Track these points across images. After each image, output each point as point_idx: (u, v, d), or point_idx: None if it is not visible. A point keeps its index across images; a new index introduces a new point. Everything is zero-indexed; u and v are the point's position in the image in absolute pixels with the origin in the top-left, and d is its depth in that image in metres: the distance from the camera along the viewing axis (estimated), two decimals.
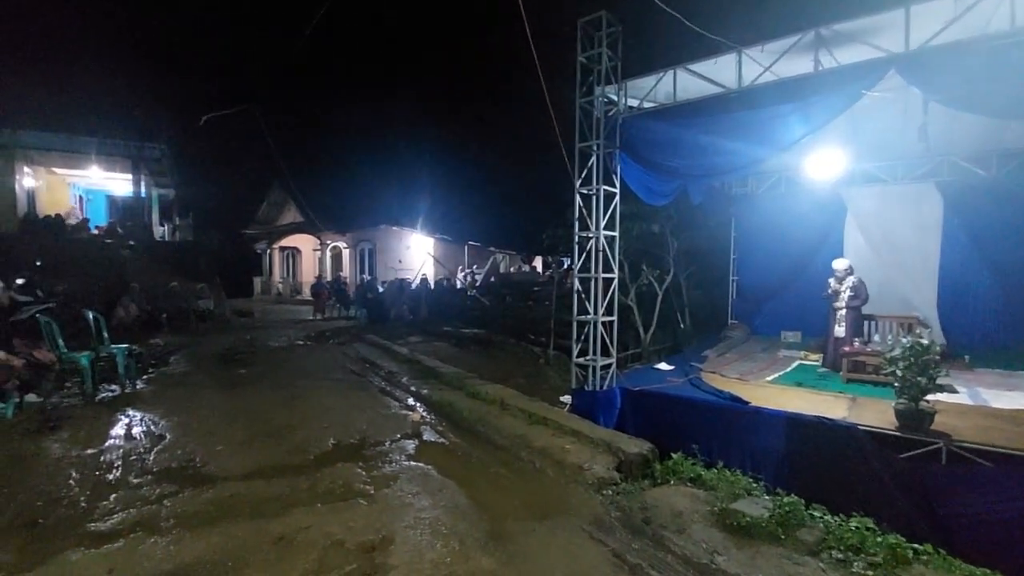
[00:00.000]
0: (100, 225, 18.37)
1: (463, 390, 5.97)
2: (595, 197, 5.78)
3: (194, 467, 3.79)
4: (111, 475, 3.62)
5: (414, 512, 3.11)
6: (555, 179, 7.20)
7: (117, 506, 3.13)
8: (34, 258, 10.89)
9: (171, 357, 8.38)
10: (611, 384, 5.83)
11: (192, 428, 4.71)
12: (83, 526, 2.89)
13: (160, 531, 2.83)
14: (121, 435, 4.51)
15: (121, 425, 4.77)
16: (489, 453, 4.22)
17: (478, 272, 19.95)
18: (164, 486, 3.43)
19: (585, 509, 3.23)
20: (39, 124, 15.80)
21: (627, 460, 3.87)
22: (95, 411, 5.17)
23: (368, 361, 8.26)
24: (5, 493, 3.25)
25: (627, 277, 8.18)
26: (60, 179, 18.73)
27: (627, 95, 5.85)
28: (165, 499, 3.23)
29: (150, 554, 2.60)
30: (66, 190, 19.22)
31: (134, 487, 3.42)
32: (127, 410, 5.22)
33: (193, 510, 3.09)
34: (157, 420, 4.92)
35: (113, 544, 2.69)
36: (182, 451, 4.10)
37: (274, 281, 25.73)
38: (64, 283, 9.89)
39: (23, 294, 7.34)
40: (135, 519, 2.97)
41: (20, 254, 11.26)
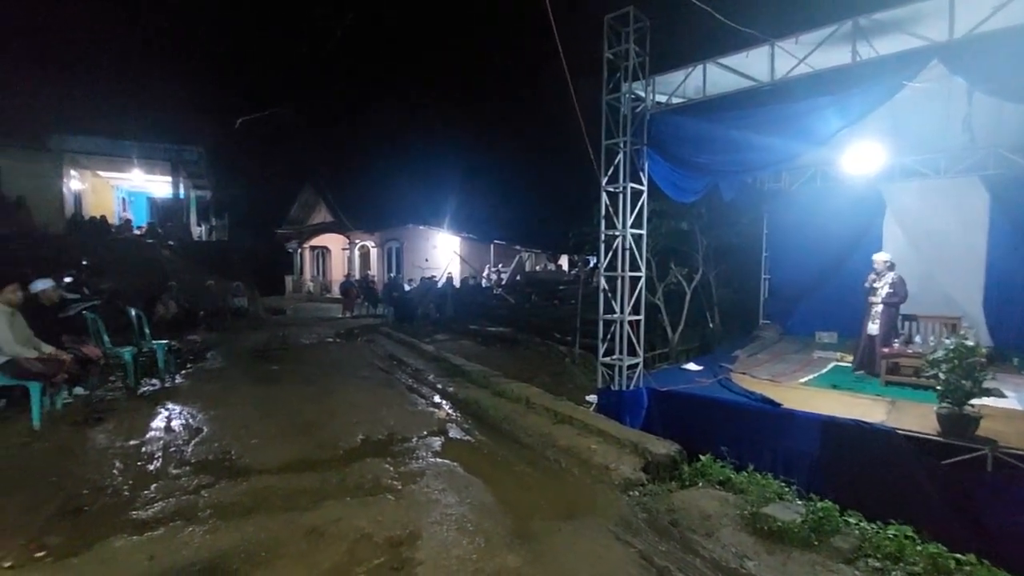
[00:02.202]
0: (141, 226, 19.13)
1: (488, 388, 5.99)
2: (622, 195, 5.72)
3: (230, 459, 3.91)
4: (152, 466, 3.77)
5: (440, 508, 3.14)
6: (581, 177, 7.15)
7: (157, 495, 3.26)
8: (80, 257, 11.40)
9: (208, 353, 8.67)
10: (638, 384, 5.77)
11: (227, 422, 4.86)
12: (126, 514, 3.01)
13: (198, 520, 2.93)
14: (161, 427, 4.69)
15: (161, 418, 4.97)
16: (514, 451, 4.23)
17: (504, 271, 19.99)
18: (201, 477, 3.56)
19: (611, 510, 3.21)
20: (85, 129, 16.51)
21: (654, 461, 3.83)
22: (137, 404, 5.40)
23: (395, 358, 8.38)
24: (54, 481, 3.42)
25: (655, 275, 8.06)
26: (104, 182, 19.58)
27: (655, 91, 5.76)
28: (202, 490, 3.35)
29: (188, 542, 2.70)
30: (110, 192, 20.08)
31: (173, 478, 3.56)
32: (167, 403, 5.43)
33: (229, 501, 3.19)
34: (195, 413, 5.11)
35: (154, 532, 2.80)
36: (218, 444, 4.25)
37: (305, 280, 26.34)
38: (108, 281, 10.33)
39: (70, 292, 7.69)
40: (174, 508, 3.08)
41: (67, 253, 11.81)
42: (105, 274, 10.93)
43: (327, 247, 25.54)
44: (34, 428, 4.36)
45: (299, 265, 26.65)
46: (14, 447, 3.98)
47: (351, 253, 23.72)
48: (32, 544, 2.64)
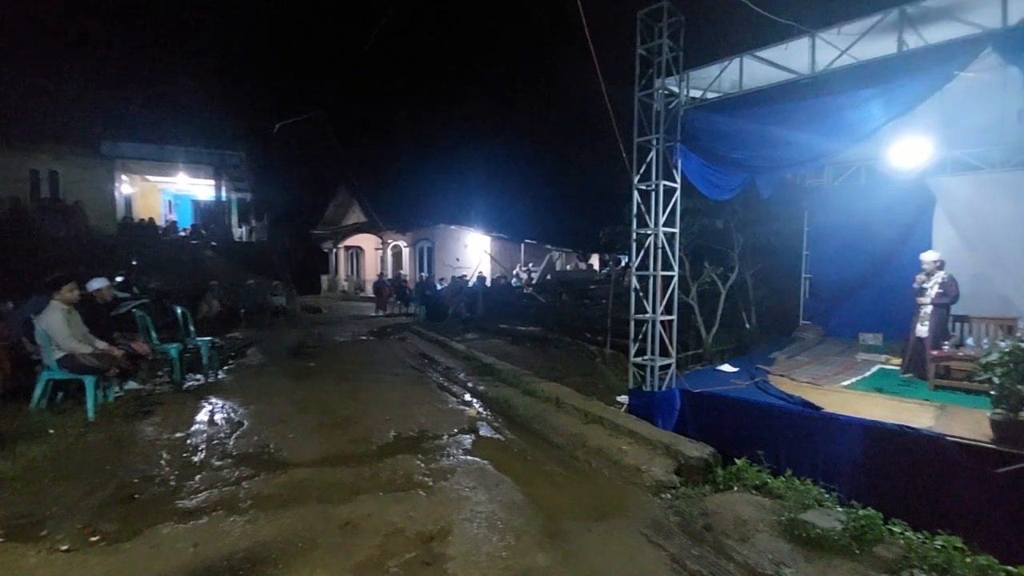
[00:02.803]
0: (186, 227, 19.97)
1: (519, 387, 6.01)
2: (654, 193, 5.63)
3: (268, 453, 4.05)
4: (196, 457, 3.94)
5: (471, 505, 3.16)
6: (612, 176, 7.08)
7: (201, 486, 3.40)
8: (130, 258, 12.01)
9: (248, 349, 8.99)
10: (670, 385, 5.67)
11: (266, 416, 5.03)
12: (172, 503, 3.16)
13: (239, 511, 3.04)
14: (205, 421, 4.90)
15: (205, 412, 5.18)
16: (544, 451, 4.23)
17: (534, 270, 19.96)
18: (242, 469, 3.69)
19: (642, 512, 3.17)
20: (134, 136, 17.35)
21: (687, 464, 3.76)
22: (182, 398, 5.65)
23: (426, 356, 8.49)
24: (108, 470, 3.61)
25: (688, 275, 7.90)
26: (152, 186, 20.53)
27: (689, 86, 5.65)
28: (243, 481, 3.48)
29: (230, 531, 2.81)
30: (157, 196, 21.04)
31: (216, 469, 3.70)
32: (210, 398, 5.66)
33: (268, 492, 3.30)
34: (236, 408, 5.30)
35: (198, 520, 2.93)
36: (258, 437, 4.40)
37: (339, 279, 26.97)
38: (156, 280, 10.84)
39: (121, 290, 8.10)
40: (217, 499, 3.21)
41: (118, 254, 12.44)
42: (153, 274, 11.47)
43: (361, 247, 26.09)
44: (89, 419, 4.61)
45: (334, 264, 27.32)
46: (71, 437, 4.22)
47: (384, 253, 24.16)
48: (87, 528, 2.79)
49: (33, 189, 16.35)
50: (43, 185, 16.59)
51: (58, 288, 4.87)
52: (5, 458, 3.59)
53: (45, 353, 4.70)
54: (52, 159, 16.64)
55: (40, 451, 3.84)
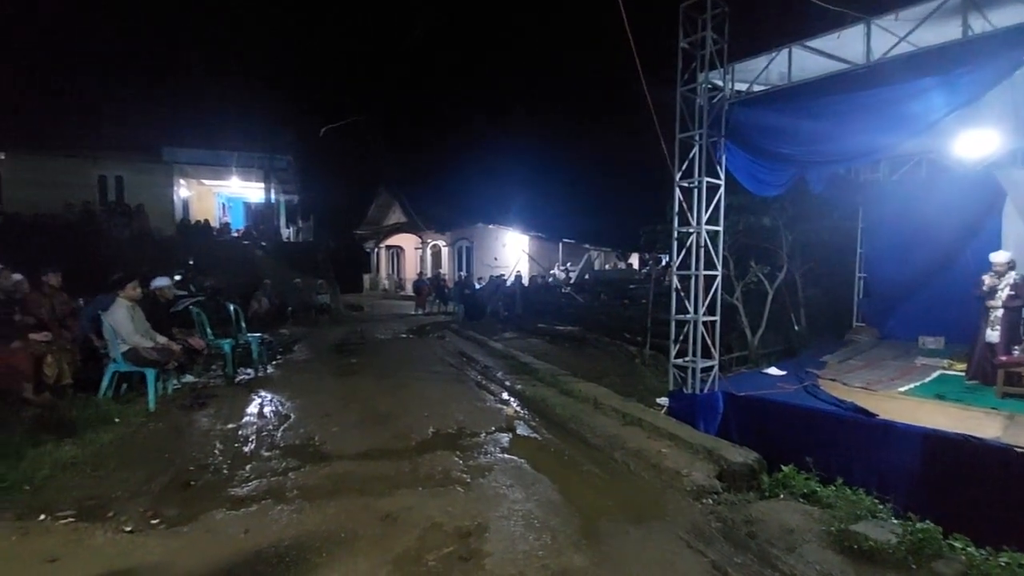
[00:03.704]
0: (239, 228, 20.90)
1: (556, 387, 5.98)
2: (696, 190, 5.49)
3: (313, 445, 4.19)
4: (247, 448, 4.12)
5: (508, 503, 3.18)
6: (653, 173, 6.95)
7: (252, 475, 3.56)
8: (187, 257, 12.67)
9: (295, 346, 9.34)
10: (713, 388, 5.52)
11: (312, 410, 5.21)
12: (225, 490, 3.32)
13: (286, 500, 3.17)
14: (255, 413, 5.12)
15: (255, 404, 5.42)
16: (582, 451, 4.20)
17: (572, 269, 19.83)
18: (289, 460, 3.84)
19: (682, 516, 3.10)
20: (191, 142, 18.31)
21: (730, 469, 3.65)
22: (234, 391, 5.92)
23: (465, 355, 8.58)
24: (166, 458, 3.83)
25: (732, 274, 7.66)
26: (208, 189, 21.61)
27: (734, 79, 5.47)
28: (290, 472, 3.61)
29: (278, 519, 2.93)
30: (212, 198, 22.13)
31: (265, 459, 3.87)
32: (260, 391, 5.92)
33: (313, 484, 3.42)
34: (283, 401, 5.52)
35: (249, 508, 3.07)
36: (304, 430, 4.56)
37: (380, 278, 27.60)
38: (211, 279, 11.39)
39: (179, 289, 8.56)
40: (266, 488, 3.35)
41: (176, 254, 13.16)
42: (208, 273, 12.06)
43: (401, 246, 26.61)
44: (150, 410, 4.90)
45: (375, 264, 27.98)
46: (134, 426, 4.50)
47: (423, 252, 24.56)
48: (149, 512, 2.97)
49: (101, 193, 17.53)
50: (110, 190, 17.76)
51: (123, 286, 5.21)
52: (77, 444, 3.87)
53: (111, 347, 5.03)
54: (118, 165, 17.79)
55: (107, 438, 4.11)
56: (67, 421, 4.19)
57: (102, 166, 17.65)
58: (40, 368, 4.64)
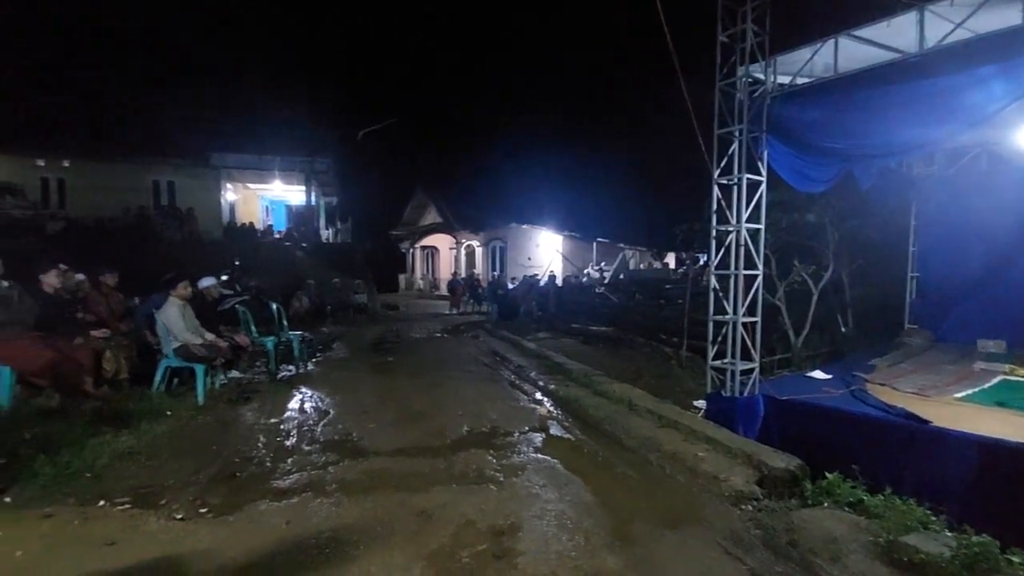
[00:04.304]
0: (281, 230, 21.63)
1: (590, 387, 5.94)
2: (736, 187, 5.34)
3: (351, 441, 4.30)
4: (288, 442, 4.27)
5: (541, 503, 3.18)
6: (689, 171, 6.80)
7: (293, 468, 3.68)
8: (233, 258, 13.18)
9: (334, 344, 9.60)
10: (753, 391, 5.35)
11: (350, 406, 5.35)
12: (268, 482, 3.44)
13: (325, 493, 3.26)
14: (296, 408, 5.29)
15: (296, 400, 5.60)
16: (616, 453, 4.15)
17: (606, 269, 19.63)
18: (328, 455, 3.95)
19: (720, 522, 3.02)
20: (237, 147, 19.05)
21: (771, 475, 3.53)
22: (276, 387, 6.14)
23: (498, 354, 8.62)
24: (214, 450, 4.01)
25: (774, 273, 7.40)
26: (252, 192, 22.44)
27: (776, 72, 5.30)
28: (329, 466, 3.72)
29: (317, 512, 3.02)
30: (256, 202, 22.97)
31: (305, 453, 3.99)
32: (300, 387, 6.11)
33: (351, 478, 3.51)
34: (323, 398, 5.68)
35: (290, 500, 3.17)
36: (342, 426, 4.69)
37: (416, 278, 28.02)
38: (255, 279, 11.82)
39: (225, 288, 8.94)
40: (306, 481, 3.46)
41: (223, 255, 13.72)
42: (252, 273, 12.52)
43: (436, 247, 26.96)
44: (199, 403, 5.13)
45: (411, 264, 28.43)
46: (184, 418, 4.73)
47: (458, 252, 24.80)
48: (198, 501, 3.12)
49: (155, 198, 18.48)
50: (163, 194, 18.70)
51: (175, 286, 5.48)
52: (132, 435, 4.09)
53: (164, 343, 5.30)
54: (170, 171, 18.71)
55: (160, 430, 4.34)
56: (124, 413, 4.43)
57: (155, 172, 18.60)
58: (100, 363, 4.92)
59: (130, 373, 5.23)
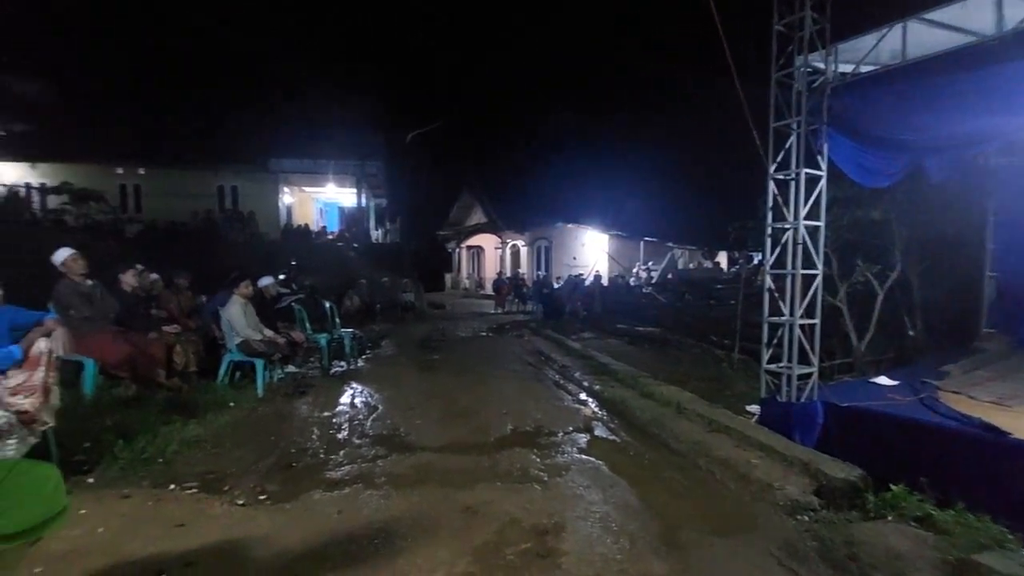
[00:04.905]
0: (333, 231, 22.47)
1: (636, 389, 5.84)
2: (794, 183, 5.11)
3: (399, 436, 4.42)
4: (340, 435, 4.44)
5: (585, 504, 3.16)
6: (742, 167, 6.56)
7: (344, 460, 3.82)
8: (290, 258, 13.80)
9: (382, 341, 9.88)
10: (811, 397, 5.11)
11: (397, 402, 5.50)
12: (322, 473, 3.59)
13: (374, 486, 3.37)
14: (347, 403, 5.49)
15: (347, 395, 5.81)
16: (663, 456, 4.07)
17: (654, 268, 19.22)
18: (377, 449, 4.08)
19: (774, 531, 2.90)
20: (293, 152, 19.93)
21: (829, 485, 3.36)
22: (329, 382, 6.39)
23: (543, 354, 8.61)
24: (272, 441, 4.22)
25: (835, 273, 7.02)
26: (307, 195, 23.43)
27: (837, 60, 5.03)
28: (378, 460, 3.84)
29: (367, 504, 3.12)
30: (311, 204, 23.97)
31: (356, 447, 4.14)
32: (351, 383, 6.34)
33: (398, 472, 3.61)
34: (372, 393, 5.87)
35: (342, 491, 3.30)
36: (390, 421, 4.82)
37: (461, 277, 28.41)
38: (310, 278, 12.33)
39: (283, 287, 9.38)
40: (357, 473, 3.59)
41: (280, 256, 14.39)
42: (307, 272, 13.07)
43: (481, 246, 27.22)
44: (258, 396, 5.42)
45: (457, 263, 28.85)
46: (245, 410, 5.00)
47: (503, 252, 24.94)
48: (257, 488, 3.29)
49: (220, 202, 19.63)
50: (226, 198, 19.83)
51: (237, 285, 5.82)
52: (199, 424, 4.37)
53: (227, 339, 5.63)
54: (233, 176, 19.82)
55: (224, 420, 4.60)
56: (191, 403, 4.73)
57: (220, 177, 19.76)
58: (171, 356, 5.28)
59: (197, 366, 5.57)
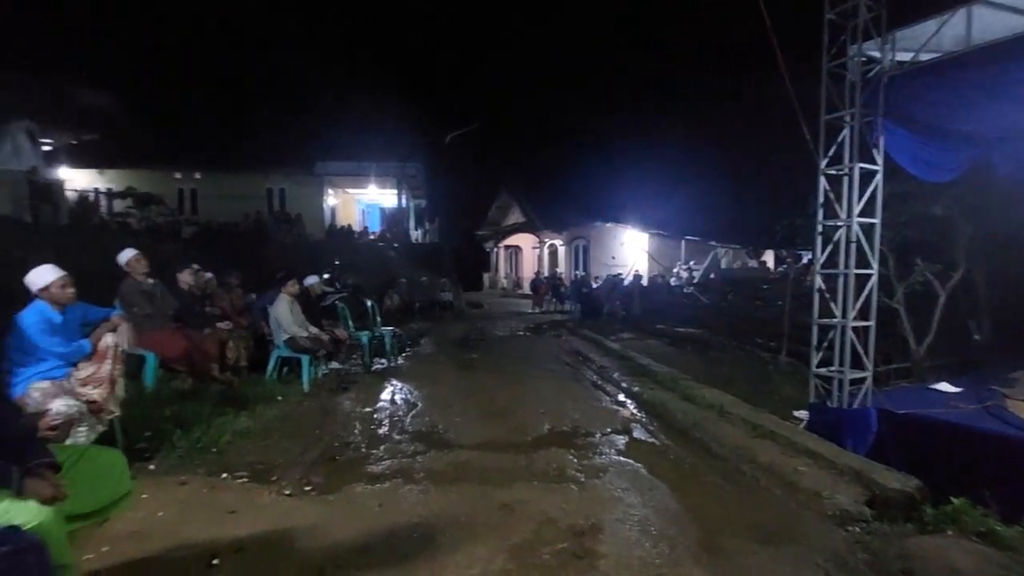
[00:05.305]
0: (375, 232, 23.00)
1: (676, 391, 5.71)
2: (847, 178, 4.89)
3: (437, 433, 4.49)
4: (381, 430, 4.55)
5: (623, 507, 3.12)
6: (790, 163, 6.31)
7: (385, 455, 3.92)
8: (334, 258, 14.22)
9: (421, 339, 10.06)
10: (864, 403, 4.87)
11: (436, 400, 5.58)
12: (363, 467, 3.69)
13: (414, 481, 3.43)
14: (387, 400, 5.62)
15: (388, 392, 5.95)
16: (704, 461, 3.97)
17: (696, 268, 18.74)
18: (417, 445, 4.16)
19: (821, 542, 2.78)
20: (337, 155, 20.53)
21: (883, 496, 3.19)
22: (370, 379, 6.56)
23: (580, 354, 8.55)
24: (317, 434, 4.37)
25: (892, 273, 6.65)
26: (350, 197, 24.08)
27: (895, 48, 4.77)
28: (417, 456, 3.91)
29: (407, 498, 3.19)
30: (354, 205, 24.61)
31: (396, 442, 4.23)
32: (392, 380, 6.48)
33: (437, 469, 3.66)
34: (411, 390, 5.98)
35: (382, 484, 3.38)
36: (429, 418, 4.90)
37: (499, 276, 28.53)
38: (352, 277, 12.68)
39: (327, 286, 9.68)
40: (397, 468, 3.67)
41: (325, 256, 14.85)
42: (350, 271, 13.44)
43: (519, 246, 27.26)
44: (304, 391, 5.62)
45: (494, 263, 29.00)
46: (292, 404, 5.20)
47: (540, 251, 24.91)
48: (303, 479, 3.41)
49: (269, 204, 20.44)
50: (275, 200, 20.63)
51: (285, 284, 6.06)
52: (250, 417, 4.57)
53: (275, 335, 5.86)
54: (281, 179, 20.59)
55: (272, 413, 4.80)
56: (242, 397, 4.96)
57: (270, 180, 20.56)
58: (224, 351, 5.53)
59: (248, 361, 5.83)
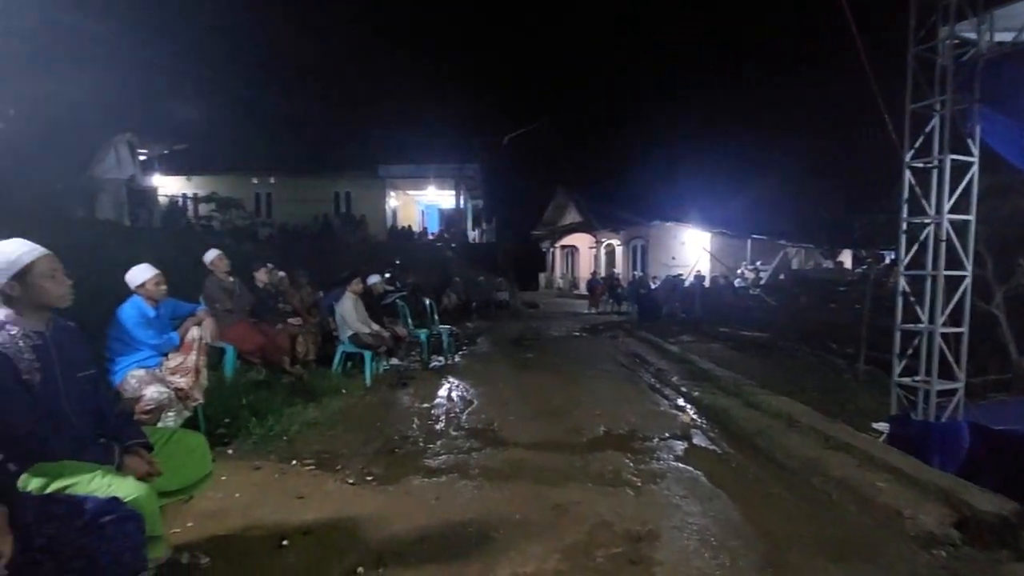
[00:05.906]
0: (434, 232, 23.61)
1: (740, 397, 5.46)
2: (936, 171, 4.49)
3: (492, 431, 4.53)
4: (438, 426, 4.66)
5: (681, 514, 3.02)
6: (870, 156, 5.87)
7: (442, 450, 4.01)
8: (395, 258, 14.71)
9: (478, 338, 10.21)
10: (955, 416, 4.45)
11: (492, 398, 5.65)
12: (421, 460, 3.80)
13: (469, 477, 3.49)
14: (444, 396, 5.75)
15: (445, 388, 6.08)
16: (769, 472, 3.77)
17: (763, 268, 17.84)
18: (472, 442, 4.22)
19: (901, 564, 2.57)
20: (398, 158, 21.24)
21: (974, 518, 2.90)
22: (428, 376, 6.73)
23: (638, 356, 8.37)
24: (378, 427, 4.54)
25: (990, 275, 6.05)
26: (410, 199, 24.83)
27: (992, 29, 4.33)
28: (472, 452, 3.97)
29: (462, 493, 3.25)
30: (414, 207, 25.37)
31: (452, 438, 4.32)
32: (449, 377, 6.62)
33: (492, 466, 3.70)
34: (468, 388, 6.09)
35: (439, 479, 3.46)
36: (484, 416, 4.97)
37: (555, 276, 28.44)
38: (412, 277, 13.07)
39: (388, 285, 10.03)
40: (453, 463, 3.74)
41: (386, 255, 15.40)
42: (410, 271, 13.86)
43: (575, 246, 27.04)
44: (366, 385, 5.86)
45: (551, 263, 28.94)
46: (355, 397, 5.43)
47: (597, 251, 24.58)
48: (365, 469, 3.56)
49: (335, 206, 21.46)
50: (341, 203, 21.63)
51: (350, 282, 6.36)
52: (317, 408, 4.83)
53: (341, 331, 6.15)
54: (347, 183, 21.57)
55: (337, 405, 5.04)
56: (310, 389, 5.24)
57: (336, 184, 21.60)
58: (294, 346, 5.87)
59: (316, 356, 6.15)
